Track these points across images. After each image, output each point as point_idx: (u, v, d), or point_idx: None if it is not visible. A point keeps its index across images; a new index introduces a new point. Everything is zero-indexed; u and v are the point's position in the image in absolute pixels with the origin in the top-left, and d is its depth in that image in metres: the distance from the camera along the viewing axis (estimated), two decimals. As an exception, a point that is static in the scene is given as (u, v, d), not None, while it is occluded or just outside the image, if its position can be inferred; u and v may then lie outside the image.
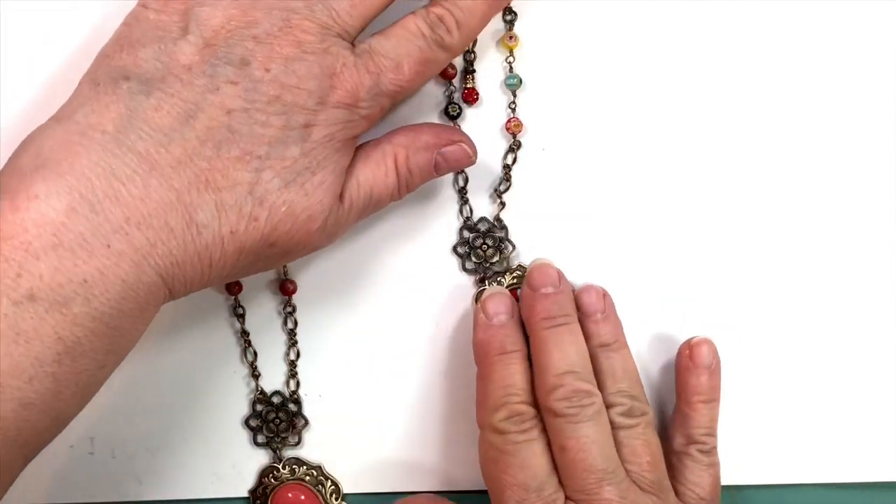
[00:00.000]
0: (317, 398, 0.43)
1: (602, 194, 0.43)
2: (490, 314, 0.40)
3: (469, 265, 0.43)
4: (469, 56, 0.42)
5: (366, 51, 0.35)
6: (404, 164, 0.38)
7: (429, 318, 0.43)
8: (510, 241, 0.43)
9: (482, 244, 0.43)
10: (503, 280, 0.43)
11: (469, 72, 0.42)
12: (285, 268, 0.42)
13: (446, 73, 0.42)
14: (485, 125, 0.42)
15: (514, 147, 0.42)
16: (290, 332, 0.43)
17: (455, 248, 0.43)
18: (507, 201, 0.43)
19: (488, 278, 0.43)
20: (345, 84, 0.35)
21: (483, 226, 0.43)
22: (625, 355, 0.40)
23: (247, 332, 0.43)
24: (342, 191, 0.36)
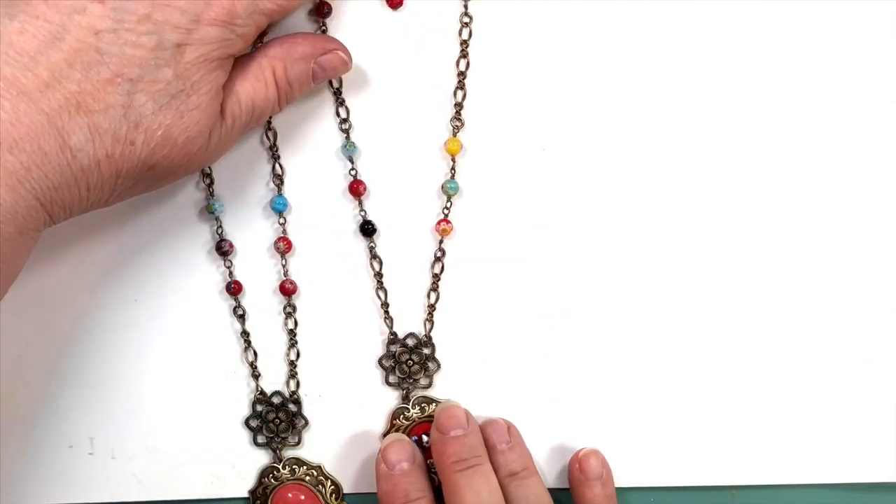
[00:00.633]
0: (317, 398, 0.43)
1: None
2: (392, 463, 0.40)
3: (392, 379, 0.43)
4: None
5: None
6: (283, 76, 0.37)
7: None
8: (436, 360, 0.43)
9: (408, 360, 0.43)
10: (410, 412, 0.43)
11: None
12: (285, 268, 0.43)
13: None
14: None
15: (439, 256, 0.43)
16: (290, 333, 0.43)
17: (380, 361, 0.43)
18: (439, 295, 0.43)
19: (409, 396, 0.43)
20: (220, 0, 0.34)
21: (411, 341, 0.43)
22: (535, 482, 0.41)
23: (247, 333, 0.43)
24: (223, 108, 0.36)
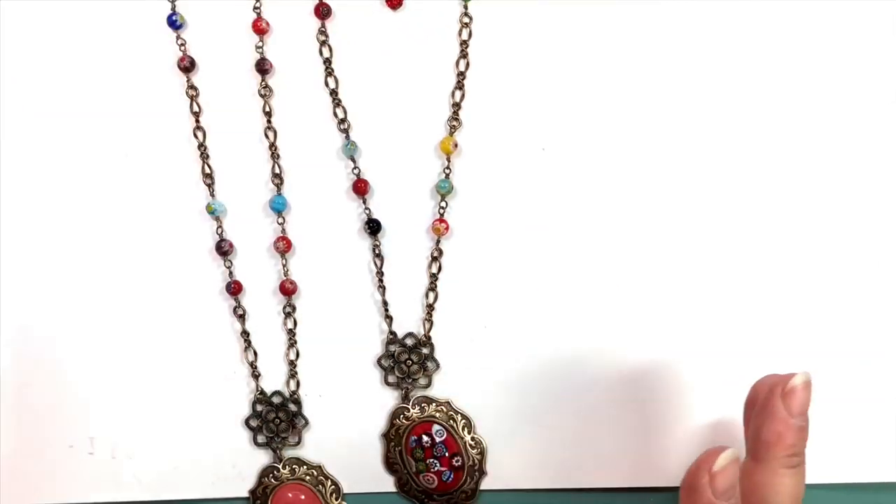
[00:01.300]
0: (317, 398, 0.43)
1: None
2: (719, 492, 0.33)
3: (392, 379, 0.43)
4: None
5: None
6: None
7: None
8: (435, 360, 0.43)
9: (407, 359, 0.43)
10: (410, 412, 0.42)
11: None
12: (285, 268, 0.43)
13: None
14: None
15: (436, 256, 0.43)
16: (289, 333, 0.43)
17: (379, 361, 0.43)
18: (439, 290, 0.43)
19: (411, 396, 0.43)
20: None
21: (410, 341, 0.43)
22: None
23: (247, 333, 0.43)
24: None
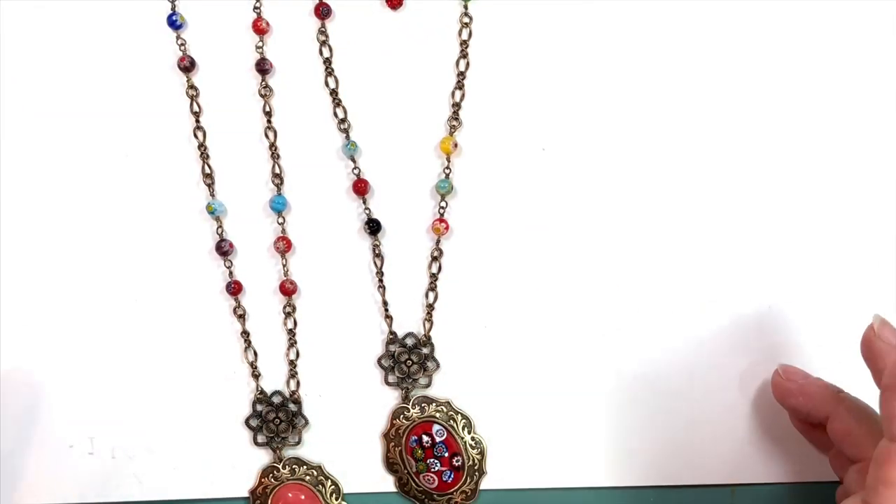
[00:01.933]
0: (317, 398, 0.43)
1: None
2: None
3: (392, 379, 0.43)
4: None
5: None
6: None
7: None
8: (435, 359, 0.43)
9: (407, 359, 0.43)
10: (410, 412, 0.42)
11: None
12: (285, 268, 0.43)
13: None
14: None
15: (436, 256, 0.43)
16: (289, 333, 0.43)
17: (379, 361, 0.43)
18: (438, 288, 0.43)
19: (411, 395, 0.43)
20: None
21: (410, 341, 0.43)
22: None
23: (247, 333, 0.43)
24: None
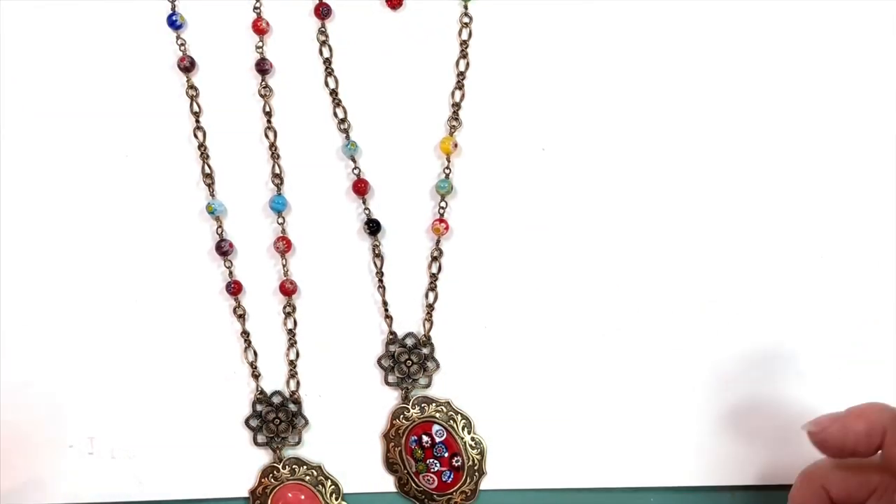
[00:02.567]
0: (317, 398, 0.43)
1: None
2: None
3: (392, 379, 0.43)
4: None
5: None
6: None
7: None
8: (435, 360, 0.43)
9: (407, 359, 0.43)
10: (410, 412, 0.42)
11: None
12: (285, 268, 0.43)
13: None
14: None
15: (436, 256, 0.43)
16: (289, 333, 0.43)
17: (379, 361, 0.43)
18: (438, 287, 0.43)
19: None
20: None
21: (410, 341, 0.43)
22: None
23: (247, 333, 0.43)
24: None
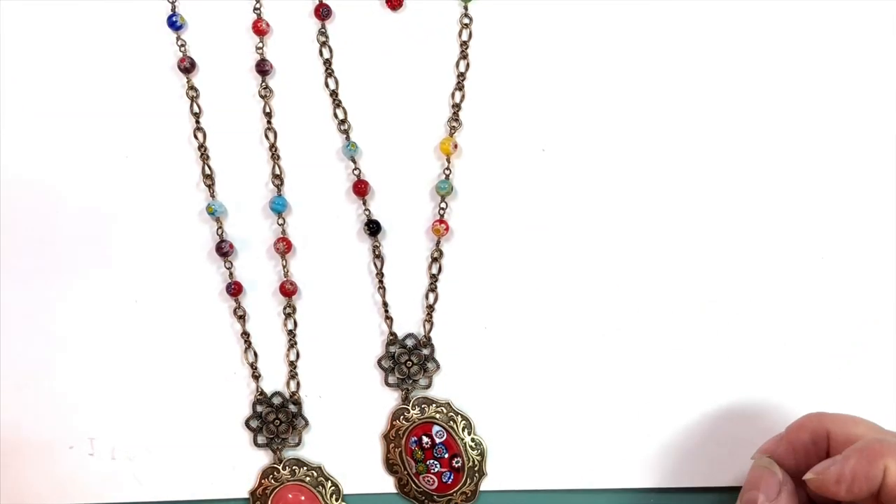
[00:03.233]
0: (317, 399, 0.43)
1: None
2: None
3: (392, 380, 0.43)
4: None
5: None
6: None
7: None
8: (435, 360, 0.43)
9: (407, 360, 0.43)
10: (410, 413, 0.42)
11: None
12: (285, 269, 0.43)
13: None
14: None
15: (436, 257, 0.43)
16: (289, 334, 0.43)
17: (379, 362, 0.43)
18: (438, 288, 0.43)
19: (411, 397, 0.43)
20: None
21: (410, 342, 0.43)
22: None
23: (247, 334, 0.43)
24: None
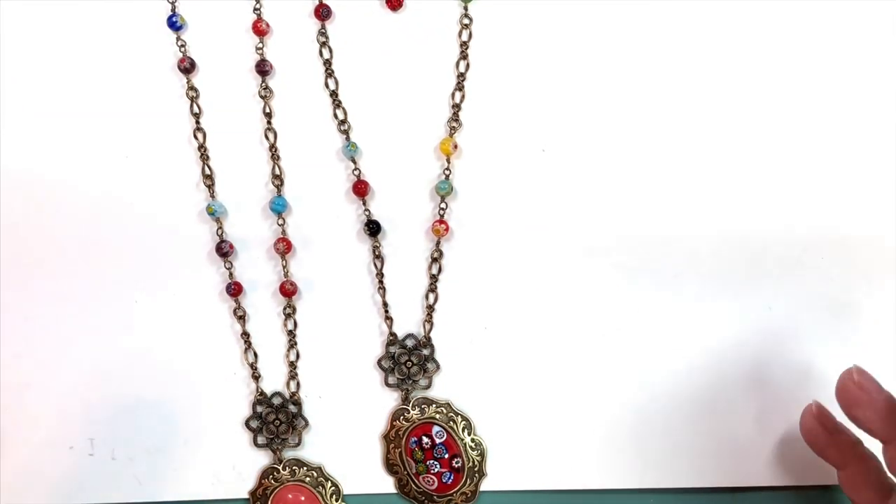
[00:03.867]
0: (317, 399, 0.43)
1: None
2: None
3: (392, 380, 0.43)
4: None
5: None
6: None
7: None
8: (435, 361, 0.43)
9: (407, 361, 0.43)
10: (410, 413, 0.42)
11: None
12: (285, 269, 0.43)
13: None
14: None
15: (436, 257, 0.43)
16: (289, 334, 0.43)
17: (379, 362, 0.43)
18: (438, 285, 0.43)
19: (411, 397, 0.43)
20: None
21: (410, 342, 0.43)
22: None
23: (247, 334, 0.43)
24: None
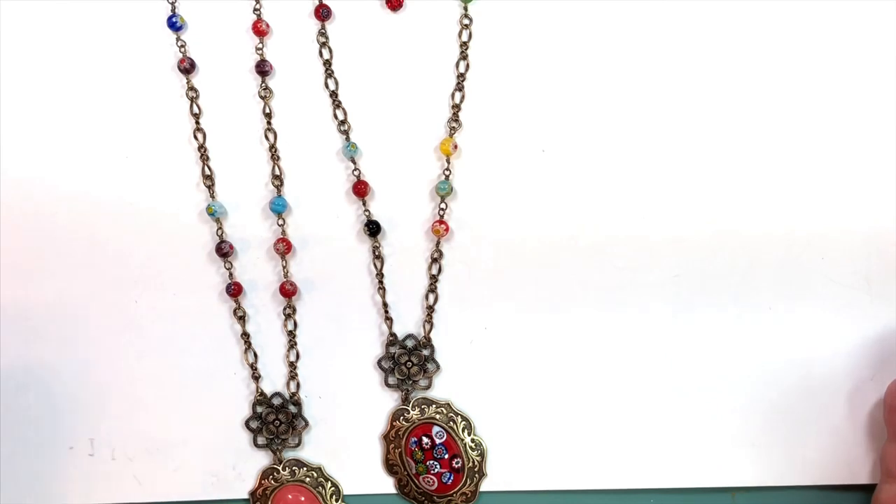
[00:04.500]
0: (317, 399, 0.43)
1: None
2: None
3: (392, 380, 0.43)
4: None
5: None
6: None
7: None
8: (435, 361, 0.43)
9: (407, 361, 0.42)
10: (410, 414, 0.42)
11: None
12: (285, 269, 0.43)
13: None
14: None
15: (436, 257, 0.42)
16: (289, 334, 0.43)
17: (379, 363, 0.43)
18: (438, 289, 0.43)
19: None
20: None
21: (410, 342, 0.43)
22: None
23: (247, 334, 0.43)
24: None
